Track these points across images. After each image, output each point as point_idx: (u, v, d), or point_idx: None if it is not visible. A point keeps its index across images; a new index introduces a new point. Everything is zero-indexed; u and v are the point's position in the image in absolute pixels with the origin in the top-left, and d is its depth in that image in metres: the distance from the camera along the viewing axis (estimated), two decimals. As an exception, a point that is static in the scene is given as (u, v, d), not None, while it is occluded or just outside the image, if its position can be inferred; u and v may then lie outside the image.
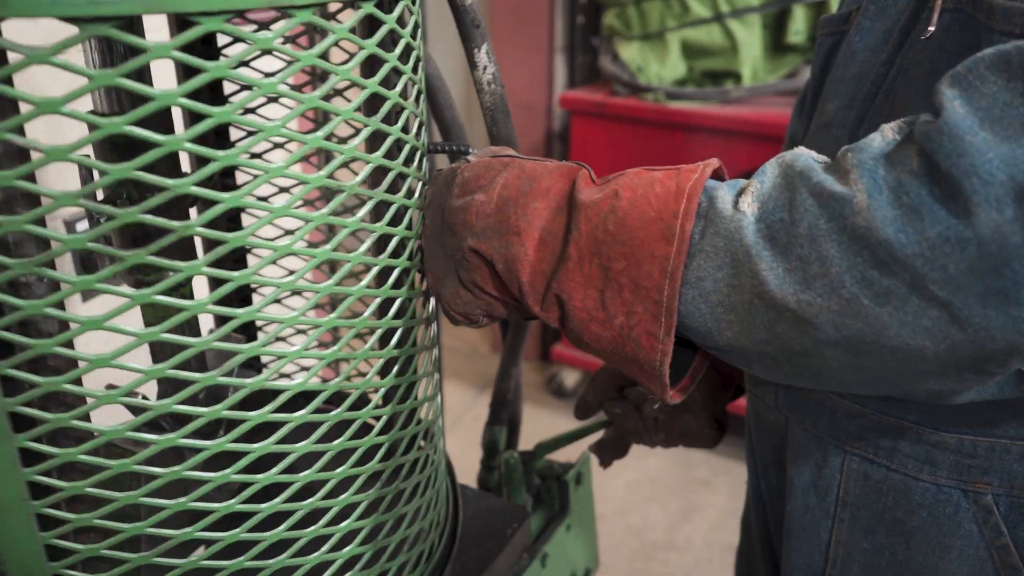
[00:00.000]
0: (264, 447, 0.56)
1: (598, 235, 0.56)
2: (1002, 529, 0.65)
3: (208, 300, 0.51)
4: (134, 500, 0.51)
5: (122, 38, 0.43)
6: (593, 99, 2.45)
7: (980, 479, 0.65)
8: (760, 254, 0.51)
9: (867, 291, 0.48)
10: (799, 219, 0.50)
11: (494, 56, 0.72)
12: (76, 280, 0.47)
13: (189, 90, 0.46)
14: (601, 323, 0.57)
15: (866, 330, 0.50)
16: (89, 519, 0.51)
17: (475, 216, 0.61)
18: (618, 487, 2.38)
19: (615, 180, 0.58)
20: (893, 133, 0.51)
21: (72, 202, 0.44)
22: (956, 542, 0.67)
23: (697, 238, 0.54)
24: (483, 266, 0.61)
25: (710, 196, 0.55)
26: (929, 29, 0.62)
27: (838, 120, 0.72)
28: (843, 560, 0.74)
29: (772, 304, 0.51)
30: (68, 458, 0.50)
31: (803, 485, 0.76)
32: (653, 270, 0.54)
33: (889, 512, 0.70)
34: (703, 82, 2.34)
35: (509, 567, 0.89)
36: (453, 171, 0.66)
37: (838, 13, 0.78)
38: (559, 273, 0.57)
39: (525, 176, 0.61)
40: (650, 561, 2.12)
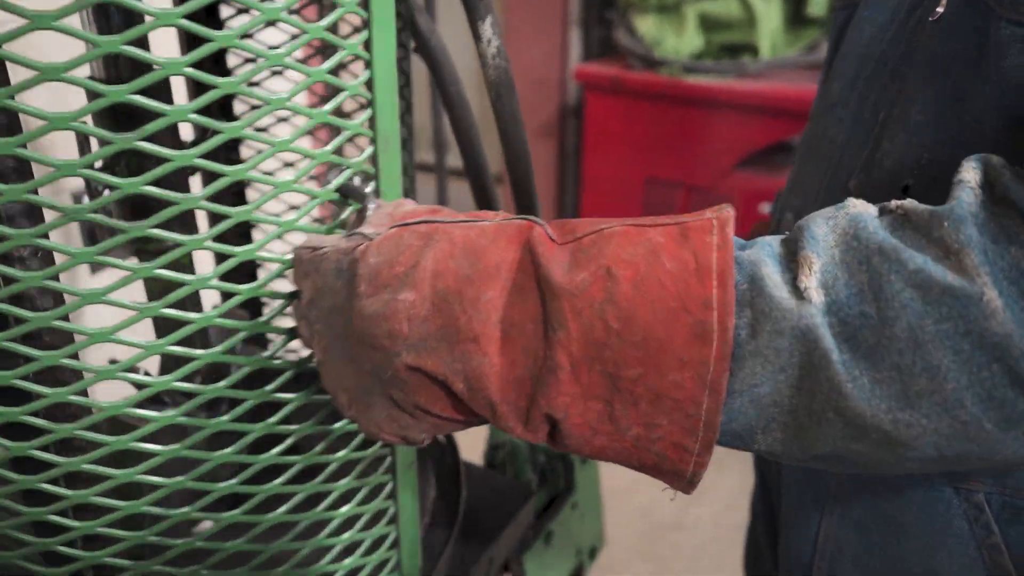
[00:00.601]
0: (265, 427, 0.56)
1: (597, 336, 0.42)
2: (993, 528, 0.64)
3: (213, 275, 0.51)
4: (130, 478, 0.51)
5: (128, 4, 0.43)
6: (608, 73, 2.42)
7: (972, 478, 0.64)
8: (838, 359, 0.40)
9: (994, 414, 0.39)
10: (893, 318, 0.39)
11: (499, 29, 0.71)
12: (76, 252, 0.47)
13: (195, 59, 0.45)
14: (608, 436, 0.44)
15: (976, 450, 0.41)
16: (86, 496, 0.51)
17: (405, 323, 0.45)
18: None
19: (596, 248, 0.44)
20: (980, 189, 0.42)
21: (73, 172, 0.44)
22: (947, 540, 0.66)
23: (745, 336, 0.42)
24: (431, 386, 0.46)
25: (750, 276, 0.42)
26: (938, 10, 0.58)
27: (842, 100, 0.69)
28: (832, 554, 0.73)
29: (855, 421, 0.41)
30: (64, 434, 0.49)
31: (796, 478, 0.75)
32: (684, 379, 0.41)
33: (880, 508, 0.69)
34: (720, 56, 2.31)
35: (514, 544, 0.89)
36: (351, 256, 0.48)
37: None
38: (546, 387, 0.43)
39: (461, 253, 0.46)
40: (658, 542, 2.12)
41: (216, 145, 0.49)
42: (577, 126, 2.72)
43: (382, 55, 0.54)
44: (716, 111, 2.26)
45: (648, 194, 2.48)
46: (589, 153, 2.60)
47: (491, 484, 0.92)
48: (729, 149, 2.27)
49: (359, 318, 0.46)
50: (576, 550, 1.04)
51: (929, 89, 0.59)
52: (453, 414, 0.47)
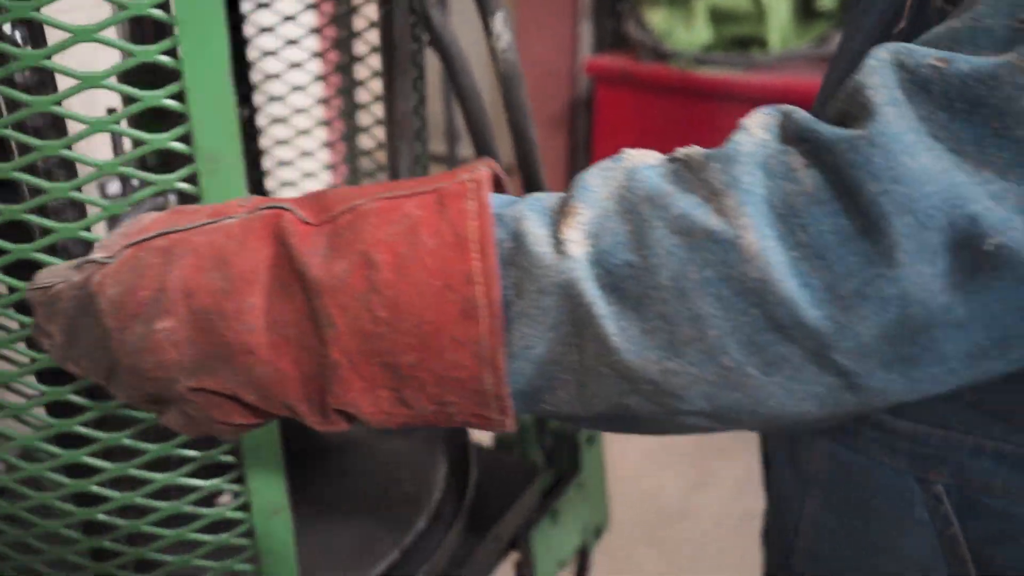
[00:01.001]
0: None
1: (366, 328, 0.40)
2: (951, 519, 0.65)
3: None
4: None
5: None
6: (618, 65, 2.44)
7: (933, 469, 0.65)
8: (605, 313, 0.39)
9: (756, 358, 0.38)
10: (657, 266, 0.38)
11: (509, 24, 0.73)
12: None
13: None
14: (407, 416, 0.44)
15: (744, 400, 0.40)
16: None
17: (172, 350, 0.42)
18: (635, 453, 2.41)
19: (352, 230, 0.41)
20: (762, 131, 0.40)
21: (113, 170, 0.47)
22: (911, 526, 0.67)
23: (512, 296, 0.40)
24: (223, 402, 0.44)
25: (512, 232, 0.41)
26: (900, 25, 0.58)
27: (839, 52, 0.71)
28: (812, 534, 0.75)
29: (626, 375, 0.39)
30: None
31: (780, 461, 0.78)
32: (462, 358, 0.40)
33: (854, 492, 0.71)
34: (730, 48, 2.33)
35: (520, 522, 0.92)
36: (86, 291, 0.44)
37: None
38: (332, 384, 0.42)
39: (209, 263, 0.42)
40: (663, 528, 2.15)
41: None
42: (587, 118, 2.74)
43: (200, 63, 0.47)
44: (725, 103, 2.27)
45: (657, 185, 2.51)
46: (599, 145, 2.62)
47: (499, 464, 0.96)
48: (738, 141, 2.29)
49: (122, 353, 0.43)
50: (581, 529, 1.07)
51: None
52: (253, 419, 0.45)
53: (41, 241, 0.49)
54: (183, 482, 0.58)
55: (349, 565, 0.74)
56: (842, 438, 0.70)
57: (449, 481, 0.87)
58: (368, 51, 0.88)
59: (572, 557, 1.07)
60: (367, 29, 0.86)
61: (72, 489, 0.56)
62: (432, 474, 0.86)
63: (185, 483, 0.58)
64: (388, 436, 0.92)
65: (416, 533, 0.79)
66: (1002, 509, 0.63)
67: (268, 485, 0.59)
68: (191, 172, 0.49)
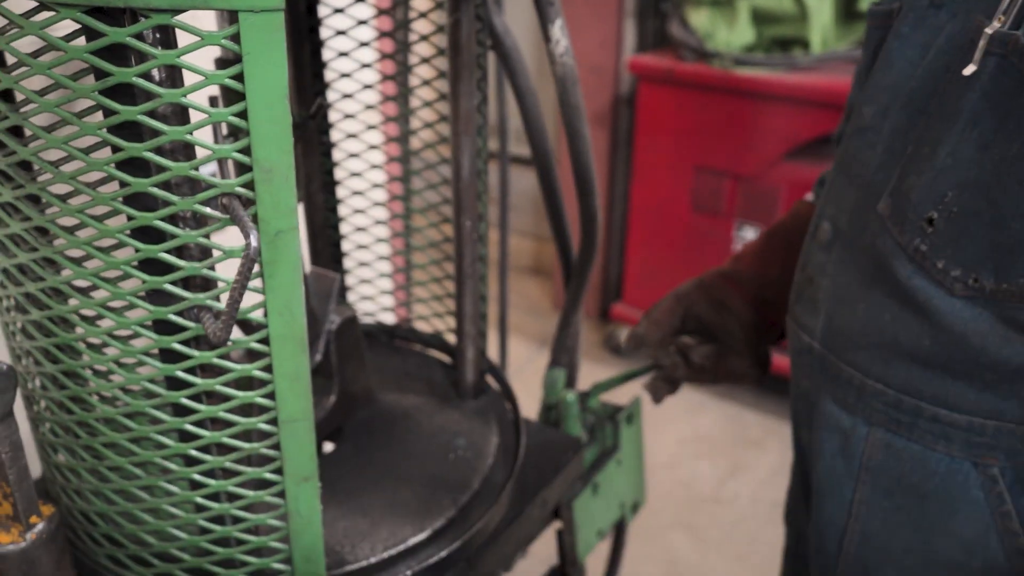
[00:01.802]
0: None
1: None
2: (1005, 498, 0.73)
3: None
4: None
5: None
6: (661, 64, 2.49)
7: (988, 454, 0.73)
8: None
9: None
10: None
11: (567, 31, 0.81)
12: (223, 217, 0.58)
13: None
14: None
15: None
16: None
17: None
18: (670, 442, 2.47)
19: None
20: None
21: (226, 154, 0.55)
22: (964, 506, 0.75)
23: None
24: None
25: None
26: (972, 67, 0.65)
27: (873, 126, 0.77)
28: (865, 516, 0.83)
29: None
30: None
31: (831, 450, 0.85)
32: None
33: (907, 477, 0.78)
34: (772, 49, 2.37)
35: (564, 490, 1.00)
36: None
37: (880, 9, 0.83)
38: None
39: None
40: (696, 513, 2.21)
41: None
42: (630, 115, 2.80)
43: (262, 88, 0.53)
44: (766, 103, 2.32)
45: (696, 182, 2.56)
46: (640, 141, 2.67)
47: (546, 438, 1.03)
48: (777, 140, 2.34)
49: None
50: (620, 503, 1.14)
51: (956, 136, 0.67)
52: None
53: (161, 211, 0.57)
54: (228, 442, 0.66)
55: (412, 518, 0.82)
56: (898, 429, 0.77)
57: (500, 449, 0.95)
58: (433, 53, 0.96)
59: (610, 529, 1.14)
60: (433, 34, 0.94)
61: (171, 426, 0.65)
62: (486, 443, 0.94)
63: (230, 443, 0.66)
64: (446, 409, 1.00)
65: (471, 493, 0.86)
66: None
67: (299, 454, 0.67)
68: (249, 179, 0.56)
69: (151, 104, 0.54)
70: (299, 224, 0.59)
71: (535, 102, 0.91)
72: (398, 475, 0.89)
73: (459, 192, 0.89)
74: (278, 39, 0.53)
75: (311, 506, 0.70)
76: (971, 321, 0.70)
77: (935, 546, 0.78)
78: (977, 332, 0.69)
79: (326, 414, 0.91)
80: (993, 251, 0.67)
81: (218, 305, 0.60)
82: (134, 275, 0.60)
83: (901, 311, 0.74)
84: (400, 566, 0.79)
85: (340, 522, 0.82)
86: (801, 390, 0.90)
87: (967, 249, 0.68)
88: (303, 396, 0.65)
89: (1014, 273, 0.66)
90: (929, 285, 0.71)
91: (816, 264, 0.84)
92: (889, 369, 0.76)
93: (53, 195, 0.60)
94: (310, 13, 0.96)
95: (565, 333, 1.14)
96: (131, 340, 0.64)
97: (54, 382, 0.69)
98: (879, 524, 0.82)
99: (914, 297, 0.72)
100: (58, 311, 0.64)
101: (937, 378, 0.73)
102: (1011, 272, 0.66)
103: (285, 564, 0.72)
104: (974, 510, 0.75)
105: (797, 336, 0.88)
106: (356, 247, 1.11)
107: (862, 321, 0.78)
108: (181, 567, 0.72)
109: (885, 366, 0.76)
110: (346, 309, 0.90)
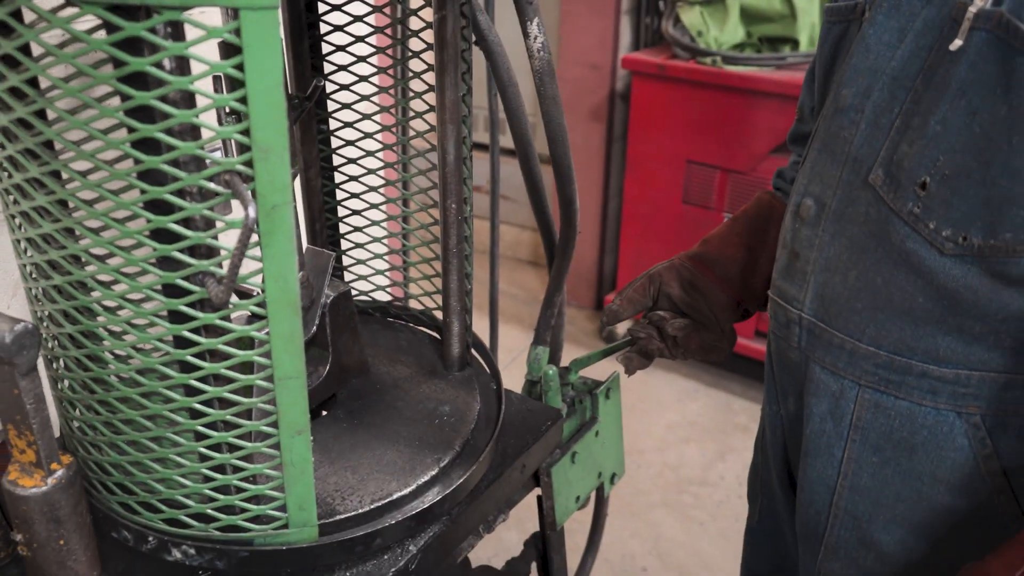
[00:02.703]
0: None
1: None
2: (988, 441, 0.82)
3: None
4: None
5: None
6: (654, 61, 2.56)
7: (972, 404, 0.81)
8: None
9: None
10: None
11: (543, 28, 0.88)
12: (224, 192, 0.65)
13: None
14: None
15: None
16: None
17: None
18: (659, 427, 2.54)
19: None
20: None
21: (228, 135, 0.62)
22: (951, 454, 0.84)
23: None
24: None
25: None
26: (957, 42, 0.72)
27: (854, 106, 0.84)
28: (855, 472, 0.90)
29: None
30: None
31: (821, 413, 0.92)
32: None
33: (896, 432, 0.86)
34: (761, 47, 2.43)
35: (543, 457, 1.07)
36: None
37: (841, 4, 0.90)
38: None
39: None
40: (683, 493, 2.28)
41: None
42: (625, 110, 2.87)
43: (261, 75, 0.60)
44: (755, 100, 2.38)
45: (688, 176, 2.62)
46: (634, 136, 2.74)
47: (528, 407, 1.10)
48: (766, 136, 2.40)
49: None
50: (598, 472, 1.21)
51: (946, 105, 0.74)
52: None
53: (171, 186, 0.64)
54: (229, 397, 0.73)
55: (398, 475, 0.89)
56: (887, 389, 0.85)
57: (483, 416, 1.02)
58: (422, 48, 1.03)
59: (588, 496, 1.21)
60: (422, 30, 1.01)
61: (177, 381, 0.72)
62: (468, 411, 1.01)
63: (230, 398, 0.73)
64: (433, 380, 1.07)
65: (453, 454, 0.94)
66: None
67: (293, 409, 0.74)
68: (248, 158, 0.62)
69: (163, 90, 0.61)
70: (294, 201, 0.66)
71: (516, 93, 0.98)
72: (386, 438, 0.96)
73: (445, 177, 0.96)
74: (274, 33, 0.60)
75: (304, 457, 0.77)
76: (961, 277, 0.77)
77: (924, 493, 0.86)
78: (967, 287, 0.77)
79: (320, 382, 0.98)
80: (983, 208, 0.74)
81: (220, 271, 0.67)
82: (146, 243, 0.67)
83: (894, 273, 0.81)
84: (385, 517, 0.86)
85: (332, 478, 0.89)
86: (787, 361, 0.97)
87: (958, 209, 0.75)
88: (296, 355, 0.72)
89: (1000, 229, 0.73)
90: (922, 246, 0.78)
91: (802, 240, 0.91)
92: (881, 331, 0.83)
93: (74, 171, 0.67)
94: (309, 10, 1.03)
95: (549, 313, 1.21)
96: (143, 303, 0.71)
97: (72, 341, 0.76)
98: (868, 478, 0.89)
99: (908, 259, 0.79)
100: (77, 276, 0.71)
101: (928, 335, 0.81)
102: (998, 228, 0.74)
103: (280, 511, 0.79)
104: (960, 456, 0.83)
105: (783, 310, 0.95)
106: (352, 229, 1.18)
107: (854, 287, 0.85)
108: (186, 512, 0.79)
109: (878, 328, 0.84)
110: (340, 284, 0.97)
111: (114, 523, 0.83)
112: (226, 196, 0.65)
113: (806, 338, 0.92)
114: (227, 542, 0.80)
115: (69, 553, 0.77)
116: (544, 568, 1.19)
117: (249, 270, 0.68)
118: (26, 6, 0.61)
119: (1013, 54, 0.69)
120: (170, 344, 0.72)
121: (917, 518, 0.87)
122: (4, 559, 0.82)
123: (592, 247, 3.08)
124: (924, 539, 0.87)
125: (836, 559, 0.94)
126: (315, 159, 1.10)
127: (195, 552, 0.80)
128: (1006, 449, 0.82)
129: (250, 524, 0.79)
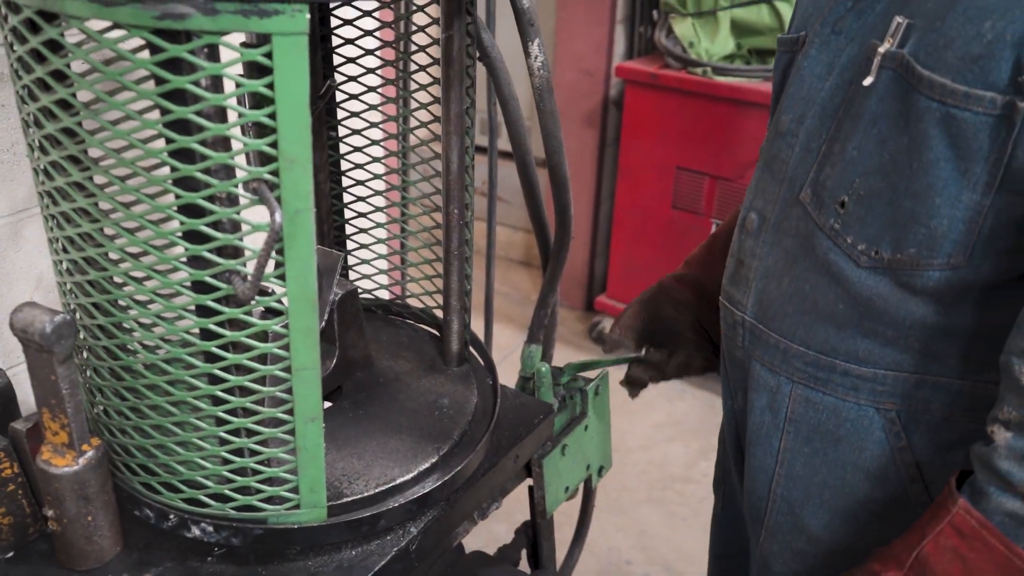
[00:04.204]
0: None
1: None
2: (902, 435, 0.89)
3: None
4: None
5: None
6: (646, 70, 2.63)
7: (888, 400, 0.88)
8: None
9: None
10: None
11: (544, 48, 0.94)
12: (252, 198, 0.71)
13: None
14: None
15: None
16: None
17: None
18: (645, 426, 2.61)
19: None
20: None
21: (257, 146, 0.69)
22: (870, 445, 0.91)
23: None
24: None
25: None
26: (869, 79, 0.81)
27: (790, 131, 0.93)
28: (789, 461, 0.98)
29: None
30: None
31: (760, 407, 1.00)
32: None
33: (823, 425, 0.94)
34: (750, 59, 2.51)
35: (535, 448, 1.13)
36: None
37: (789, 36, 0.98)
38: None
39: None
40: (667, 490, 2.35)
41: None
42: (618, 117, 2.94)
43: (289, 94, 0.66)
44: (743, 109, 2.46)
45: (678, 182, 2.69)
46: (626, 142, 2.81)
47: (521, 402, 1.16)
48: (753, 145, 2.48)
49: None
50: (586, 464, 1.28)
51: (861, 133, 0.83)
52: None
53: (203, 192, 0.69)
54: (248, 386, 0.79)
55: (400, 462, 0.96)
56: (815, 385, 0.92)
57: (479, 409, 1.08)
58: (428, 63, 1.09)
59: (577, 487, 1.28)
60: (429, 45, 1.07)
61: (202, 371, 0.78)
62: (466, 403, 1.08)
63: (250, 387, 0.79)
64: (433, 374, 1.13)
65: (452, 443, 1.00)
66: (936, 423, 0.88)
67: (308, 398, 0.80)
68: (275, 168, 0.68)
69: (199, 105, 0.67)
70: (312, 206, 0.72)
71: (516, 106, 1.05)
72: (389, 427, 1.02)
73: (448, 183, 1.03)
74: (303, 56, 0.66)
75: (316, 443, 0.83)
76: (874, 287, 0.85)
77: (847, 481, 0.94)
78: (879, 295, 0.85)
79: (328, 375, 1.04)
80: (891, 226, 0.82)
81: (246, 270, 0.73)
82: (178, 243, 0.73)
83: (819, 281, 0.89)
84: (389, 500, 0.92)
85: (339, 464, 0.95)
86: (735, 359, 1.05)
87: (871, 225, 0.83)
88: (312, 348, 0.78)
89: (905, 244, 0.82)
90: (841, 258, 0.86)
91: (746, 249, 1.00)
92: (809, 333, 0.92)
93: (115, 176, 0.73)
94: (323, 23, 1.09)
95: (542, 313, 1.28)
96: (172, 297, 0.77)
97: (104, 332, 0.82)
98: (801, 467, 0.97)
99: (830, 269, 0.88)
100: (113, 272, 0.77)
101: (849, 337, 0.89)
102: (903, 244, 0.82)
103: (293, 493, 0.85)
104: (878, 448, 0.91)
105: (730, 313, 1.03)
106: (358, 231, 1.25)
107: (787, 293, 0.93)
108: (205, 492, 0.85)
109: (806, 331, 0.92)
110: (347, 283, 1.04)
111: (137, 502, 0.89)
112: (253, 202, 0.71)
113: (748, 338, 1.00)
114: (243, 520, 0.86)
115: (96, 528, 0.83)
116: (534, 554, 1.25)
117: (270, 270, 0.74)
118: (78, 28, 0.67)
119: (911, 91, 0.77)
120: (196, 336, 0.78)
121: (841, 504, 0.95)
122: (33, 535, 0.88)
123: (584, 250, 3.15)
124: (848, 524, 0.95)
125: (775, 541, 1.02)
126: (324, 164, 1.16)
127: (212, 529, 0.86)
128: (919, 443, 0.90)
129: (264, 504, 0.85)
